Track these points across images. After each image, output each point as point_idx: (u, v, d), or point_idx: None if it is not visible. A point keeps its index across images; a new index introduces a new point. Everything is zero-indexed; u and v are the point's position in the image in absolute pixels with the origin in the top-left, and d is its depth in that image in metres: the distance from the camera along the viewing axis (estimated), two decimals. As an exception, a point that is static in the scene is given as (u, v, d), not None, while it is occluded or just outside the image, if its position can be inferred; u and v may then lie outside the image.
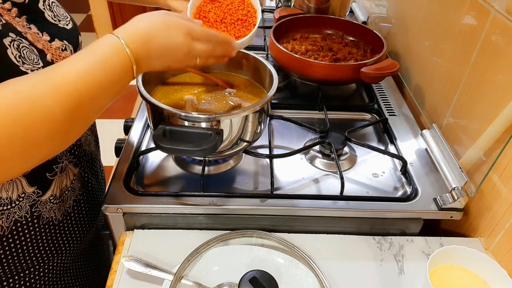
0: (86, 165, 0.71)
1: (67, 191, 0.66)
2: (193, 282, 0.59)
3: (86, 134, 0.71)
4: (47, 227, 0.64)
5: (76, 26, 0.66)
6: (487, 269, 0.60)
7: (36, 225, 0.62)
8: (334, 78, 0.92)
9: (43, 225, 0.63)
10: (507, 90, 0.64)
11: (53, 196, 0.62)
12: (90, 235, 0.77)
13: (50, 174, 0.61)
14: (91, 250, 0.83)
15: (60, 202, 0.64)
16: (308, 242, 0.68)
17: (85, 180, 0.71)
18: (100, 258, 0.90)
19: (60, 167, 0.62)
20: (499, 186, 0.66)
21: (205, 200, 0.69)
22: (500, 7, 0.67)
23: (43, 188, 0.60)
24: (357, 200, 0.70)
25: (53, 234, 0.66)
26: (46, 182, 0.60)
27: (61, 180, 0.63)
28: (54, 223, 0.65)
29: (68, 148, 0.63)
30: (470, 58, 0.75)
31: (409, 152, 0.82)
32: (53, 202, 0.63)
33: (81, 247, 0.75)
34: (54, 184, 0.62)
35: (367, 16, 1.35)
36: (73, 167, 0.66)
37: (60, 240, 0.68)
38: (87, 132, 0.71)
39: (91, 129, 0.74)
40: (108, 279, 0.62)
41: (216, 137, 0.60)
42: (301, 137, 0.87)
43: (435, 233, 0.73)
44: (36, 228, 0.62)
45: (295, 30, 1.10)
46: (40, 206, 0.61)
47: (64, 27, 0.63)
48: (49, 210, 0.63)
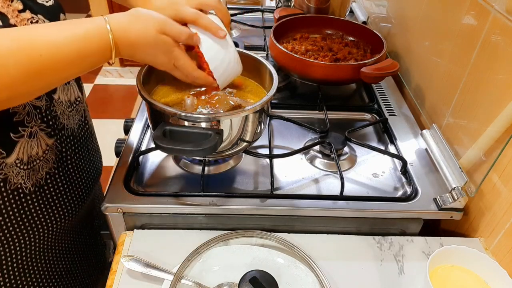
0: (64, 141, 0.70)
1: (38, 160, 0.64)
2: (193, 282, 0.59)
3: (64, 108, 0.69)
4: (15, 194, 0.62)
5: (58, 4, 0.66)
6: (487, 269, 0.60)
7: (3, 189, 0.61)
8: (334, 78, 0.92)
9: (11, 191, 0.62)
10: (507, 90, 0.64)
11: (20, 161, 0.61)
12: (76, 218, 0.76)
13: (15, 135, 0.59)
14: (84, 246, 0.82)
15: (29, 169, 0.63)
16: (308, 242, 0.68)
17: (63, 156, 0.69)
18: (96, 261, 0.89)
19: (29, 132, 0.61)
20: (499, 186, 0.66)
21: (205, 200, 0.69)
22: (500, 7, 0.67)
23: (6, 149, 0.59)
24: (357, 200, 0.70)
25: (24, 205, 0.64)
26: (10, 142, 0.59)
27: (30, 146, 0.62)
28: (25, 192, 0.63)
29: (40, 115, 0.62)
30: (470, 58, 0.75)
31: (409, 152, 0.82)
32: (20, 167, 0.61)
33: (63, 231, 0.73)
34: (20, 147, 0.60)
35: (367, 16, 1.35)
36: (46, 137, 0.65)
37: (35, 215, 0.66)
38: (67, 108, 0.70)
39: (75, 107, 0.72)
40: (108, 279, 0.62)
41: (216, 137, 0.60)
42: (301, 137, 0.87)
43: (435, 233, 0.73)
44: (4, 193, 0.61)
45: (295, 30, 1.10)
46: (6, 169, 0.60)
47: (42, 3, 0.63)
48: (16, 175, 0.61)
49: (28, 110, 0.60)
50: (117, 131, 1.05)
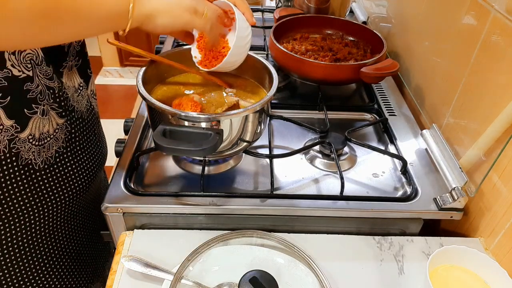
0: (75, 122, 0.72)
1: (49, 138, 0.66)
2: (193, 282, 0.59)
3: (72, 92, 0.71)
4: (26, 170, 0.64)
5: None
6: (487, 269, 0.60)
7: (15, 163, 0.63)
8: (334, 78, 0.92)
9: (22, 166, 0.63)
10: (507, 90, 0.64)
11: (32, 137, 0.63)
12: (84, 200, 0.78)
13: (29, 111, 0.61)
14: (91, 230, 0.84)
15: (40, 146, 0.65)
16: (308, 242, 0.68)
17: (72, 137, 0.71)
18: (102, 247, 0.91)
19: (42, 110, 0.63)
20: (499, 186, 0.66)
21: (205, 200, 0.69)
22: (500, 7, 0.67)
23: (21, 124, 0.61)
24: (357, 200, 0.70)
25: (34, 181, 0.66)
26: (25, 117, 0.61)
27: (42, 122, 0.64)
28: (35, 168, 0.65)
29: (52, 96, 0.64)
30: (470, 58, 0.75)
31: (409, 152, 0.82)
32: (32, 143, 0.63)
33: (72, 211, 0.75)
34: (33, 123, 0.62)
35: (367, 16, 1.35)
36: (57, 116, 0.66)
37: (45, 192, 0.68)
38: (74, 93, 0.72)
39: (80, 92, 0.74)
40: (108, 279, 0.62)
41: (216, 137, 0.60)
42: (301, 137, 0.87)
43: (435, 233, 0.73)
44: (15, 167, 0.63)
45: (295, 30, 1.10)
46: (19, 143, 0.62)
47: None
48: (27, 151, 0.63)
49: (41, 89, 0.62)
50: (117, 131, 1.05)
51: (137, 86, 0.66)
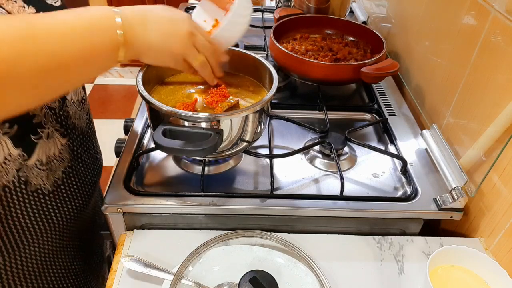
0: (76, 139, 0.71)
1: (55, 160, 0.66)
2: (193, 282, 0.59)
3: (75, 108, 0.71)
4: (35, 195, 0.64)
5: (64, 5, 0.67)
6: (487, 269, 0.60)
7: (25, 191, 0.62)
8: (334, 78, 0.92)
9: (31, 192, 0.63)
10: (507, 90, 0.64)
11: (40, 162, 0.63)
12: (84, 215, 0.78)
13: (35, 137, 0.61)
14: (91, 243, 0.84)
15: (47, 170, 0.64)
16: (308, 242, 0.68)
17: (75, 154, 0.71)
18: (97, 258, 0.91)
19: (47, 133, 0.63)
20: (499, 186, 0.66)
21: (205, 200, 0.69)
22: (500, 7, 0.67)
23: (28, 151, 0.60)
24: (357, 200, 0.70)
25: (43, 205, 0.66)
26: (31, 144, 0.61)
27: (47, 146, 0.64)
28: (44, 193, 0.65)
29: (54, 116, 0.64)
30: (470, 58, 0.75)
31: (409, 152, 0.82)
32: (40, 169, 0.63)
33: (74, 227, 0.75)
34: (39, 148, 0.62)
35: (367, 16, 1.35)
36: (60, 137, 0.66)
37: (52, 213, 0.68)
38: (78, 107, 0.72)
39: (82, 106, 0.74)
40: (108, 279, 0.62)
41: (216, 137, 0.60)
42: (301, 137, 0.87)
43: (435, 233, 0.73)
44: (25, 195, 0.62)
45: (295, 30, 1.10)
46: (27, 171, 0.61)
47: (51, 3, 0.64)
48: (36, 176, 0.63)
49: (45, 111, 0.62)
50: (117, 131, 1.05)
51: (137, 86, 0.66)
